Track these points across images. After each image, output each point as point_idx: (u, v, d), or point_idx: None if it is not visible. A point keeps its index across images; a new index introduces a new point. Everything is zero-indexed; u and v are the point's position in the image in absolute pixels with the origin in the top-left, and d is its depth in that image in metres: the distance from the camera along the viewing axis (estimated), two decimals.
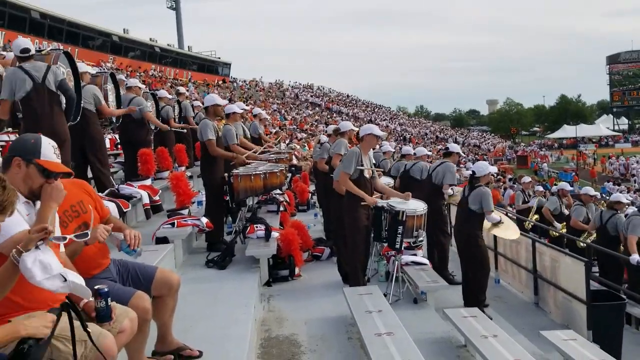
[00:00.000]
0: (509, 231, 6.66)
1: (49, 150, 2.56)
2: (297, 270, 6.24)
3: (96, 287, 2.41)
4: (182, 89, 14.66)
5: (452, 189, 7.44)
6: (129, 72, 31.91)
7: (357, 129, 7.65)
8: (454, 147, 8.03)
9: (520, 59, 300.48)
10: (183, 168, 10.06)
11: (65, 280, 2.09)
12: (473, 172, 6.61)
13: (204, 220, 6.09)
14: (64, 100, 5.61)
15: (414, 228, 5.96)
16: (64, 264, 2.32)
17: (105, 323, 2.48)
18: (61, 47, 9.34)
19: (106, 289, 2.42)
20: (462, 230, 6.63)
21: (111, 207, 5.46)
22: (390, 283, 6.02)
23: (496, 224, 6.50)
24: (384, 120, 58.31)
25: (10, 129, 8.54)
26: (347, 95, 65.70)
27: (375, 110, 64.93)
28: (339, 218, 6.17)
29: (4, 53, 8.35)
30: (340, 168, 5.80)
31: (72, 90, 5.59)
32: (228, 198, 6.73)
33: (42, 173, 2.50)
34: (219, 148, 6.58)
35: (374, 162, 6.28)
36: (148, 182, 7.87)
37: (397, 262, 6.06)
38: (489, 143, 66.55)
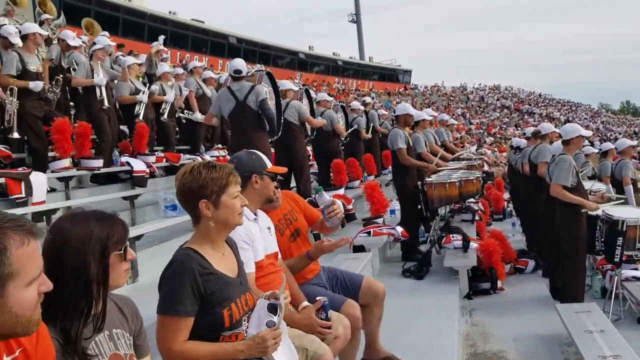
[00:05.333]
0: None
1: (267, 158, 2.78)
2: (499, 283, 5.90)
3: (318, 298, 2.48)
4: (367, 99, 14.96)
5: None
6: (314, 87, 33.64)
7: (558, 130, 7.09)
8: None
9: None
10: (372, 177, 10.23)
11: None
12: None
13: (399, 229, 6.07)
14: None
15: (637, 239, 5.27)
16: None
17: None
18: (263, 68, 10.12)
19: (327, 302, 2.48)
20: None
21: None
22: (608, 300, 5.39)
23: None
24: (584, 119, 53.24)
25: (219, 145, 9.52)
26: (539, 95, 61.34)
27: (573, 108, 59.62)
28: (548, 227, 5.69)
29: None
30: (553, 180, 5.25)
31: (271, 110, 6.00)
32: (421, 207, 6.64)
33: (272, 179, 2.77)
34: (410, 157, 6.52)
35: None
36: (341, 191, 8.14)
37: (616, 277, 5.41)
38: None
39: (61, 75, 6.77)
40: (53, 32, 9.45)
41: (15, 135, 5.84)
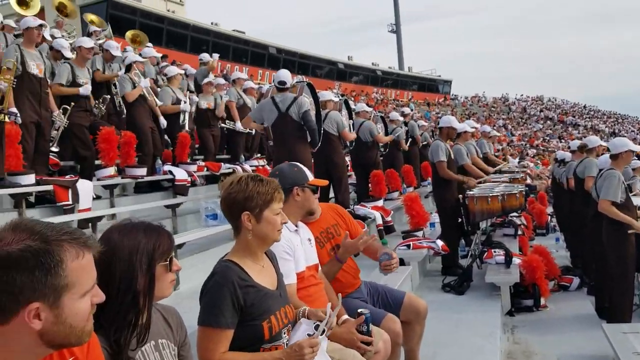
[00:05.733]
0: None
1: (308, 171, 2.80)
2: (542, 300, 5.74)
3: (359, 310, 2.46)
4: (406, 110, 14.87)
5: None
6: (353, 97, 33.61)
7: (605, 144, 6.92)
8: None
9: None
10: (411, 189, 10.14)
11: None
12: None
13: (440, 243, 5.97)
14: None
15: None
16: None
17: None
18: (304, 79, 10.20)
19: (369, 314, 2.45)
20: None
21: None
22: None
23: None
24: (631, 131, 51.49)
25: (259, 155, 9.61)
26: (584, 106, 59.71)
27: (619, 120, 57.78)
28: (595, 244, 5.52)
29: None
30: (602, 196, 5.09)
31: (313, 122, 6.03)
32: (461, 220, 6.54)
33: (314, 192, 2.80)
34: (450, 170, 6.43)
35: None
36: (380, 203, 8.08)
37: None
38: None
39: (108, 96, 6.96)
40: (99, 43, 9.76)
41: (54, 149, 6.07)
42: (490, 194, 6.12)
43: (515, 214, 7.63)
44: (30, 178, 5.03)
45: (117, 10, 24.97)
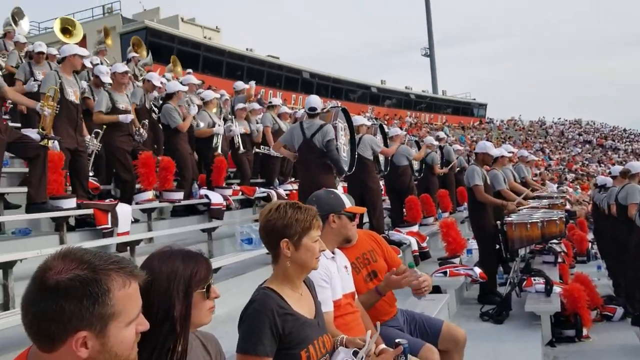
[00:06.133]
0: None
1: (346, 197, 2.79)
2: (584, 331, 5.55)
3: (397, 340, 2.42)
4: (441, 134, 14.77)
5: None
6: (386, 120, 33.56)
7: None
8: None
9: None
10: (447, 214, 10.02)
11: None
12: None
13: (477, 270, 5.86)
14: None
15: None
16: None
17: None
18: (339, 104, 10.28)
19: (407, 344, 2.41)
20: None
21: None
22: None
23: None
24: None
25: (292, 179, 9.64)
26: (624, 129, 58.18)
27: None
28: (639, 270, 5.34)
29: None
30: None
31: (335, 152, 6.04)
32: (499, 247, 6.40)
33: (351, 219, 2.78)
34: (487, 194, 6.34)
35: None
36: (415, 228, 8.00)
37: None
38: None
39: (147, 120, 7.13)
40: (140, 71, 10.03)
41: (89, 173, 6.25)
42: (530, 221, 5.98)
43: (555, 240, 7.44)
44: (72, 202, 5.17)
45: (156, 38, 25.69)
